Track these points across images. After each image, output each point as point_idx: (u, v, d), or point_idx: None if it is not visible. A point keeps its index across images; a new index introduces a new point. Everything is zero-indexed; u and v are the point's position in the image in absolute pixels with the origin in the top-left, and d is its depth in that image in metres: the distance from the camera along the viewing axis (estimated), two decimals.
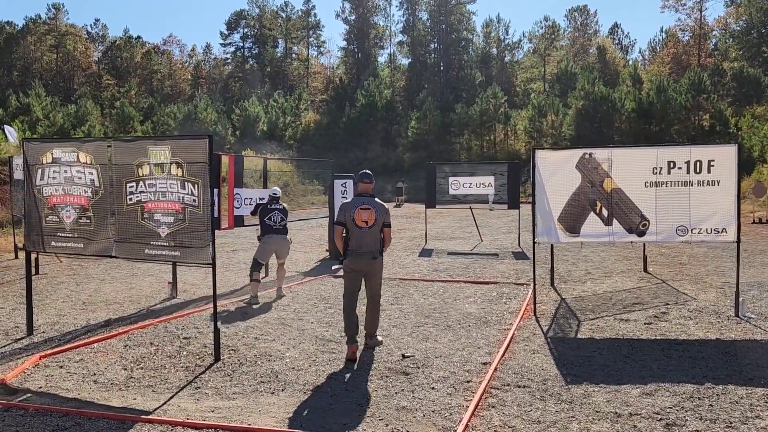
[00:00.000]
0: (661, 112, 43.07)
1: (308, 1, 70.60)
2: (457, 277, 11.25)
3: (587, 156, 8.13)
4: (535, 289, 8.65)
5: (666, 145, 9.17)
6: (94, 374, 5.85)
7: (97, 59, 68.59)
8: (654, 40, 67.19)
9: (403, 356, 6.33)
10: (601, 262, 12.80)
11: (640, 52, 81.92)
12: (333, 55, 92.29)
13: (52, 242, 7.17)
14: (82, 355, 6.42)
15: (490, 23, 64.74)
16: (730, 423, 4.57)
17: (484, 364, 6.07)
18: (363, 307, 6.70)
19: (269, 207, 9.56)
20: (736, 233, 7.84)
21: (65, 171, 6.93)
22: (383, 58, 69.02)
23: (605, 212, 8.12)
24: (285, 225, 9.62)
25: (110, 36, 70.32)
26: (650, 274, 11.22)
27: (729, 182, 7.80)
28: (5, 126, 19.09)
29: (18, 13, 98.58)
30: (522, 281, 10.68)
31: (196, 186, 6.07)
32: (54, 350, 6.54)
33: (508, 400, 5.12)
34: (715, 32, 59.87)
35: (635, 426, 4.56)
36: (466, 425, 4.57)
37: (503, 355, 6.33)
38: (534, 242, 8.34)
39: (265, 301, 9.07)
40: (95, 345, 6.79)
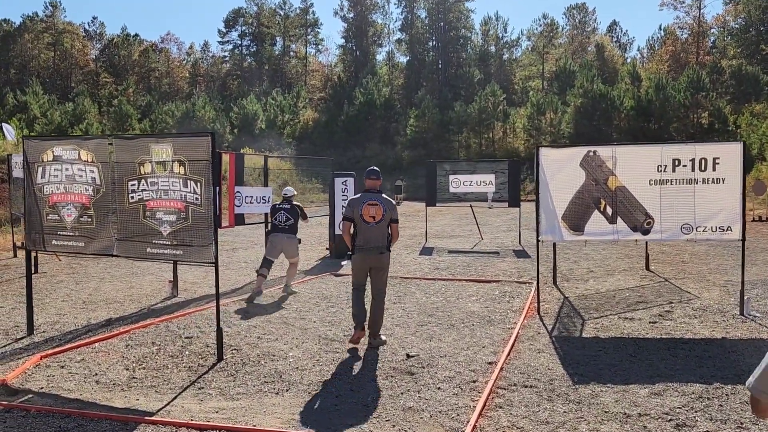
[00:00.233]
0: (659, 110, 43.05)
1: None
2: (459, 275, 11.19)
3: (591, 154, 8.08)
4: (538, 288, 8.60)
5: (671, 142, 9.12)
6: (96, 374, 5.79)
7: (94, 57, 68.40)
8: (652, 38, 67.12)
9: (408, 356, 6.28)
10: (602, 260, 12.75)
11: (638, 50, 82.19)
12: (331, 53, 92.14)
13: (53, 241, 7.10)
14: (83, 355, 6.36)
15: (488, 21, 64.71)
16: (741, 424, 4.53)
17: (489, 363, 6.02)
18: (367, 306, 6.65)
19: (277, 206, 9.83)
20: (741, 231, 7.81)
21: (66, 169, 6.87)
22: (381, 56, 69.03)
23: (609, 210, 8.07)
24: (291, 224, 9.69)
25: (108, 34, 70.11)
26: (652, 272, 11.17)
27: (734, 180, 7.76)
28: (3, 124, 18.98)
29: (15, 11, 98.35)
30: (524, 279, 10.64)
31: (199, 184, 6.01)
32: (55, 350, 6.48)
33: (516, 400, 5.07)
34: (713, 30, 59.91)
35: (645, 427, 4.51)
36: (474, 426, 4.51)
37: (509, 354, 6.28)
38: (538, 240, 8.28)
39: (266, 300, 9.01)
40: (96, 345, 6.72)
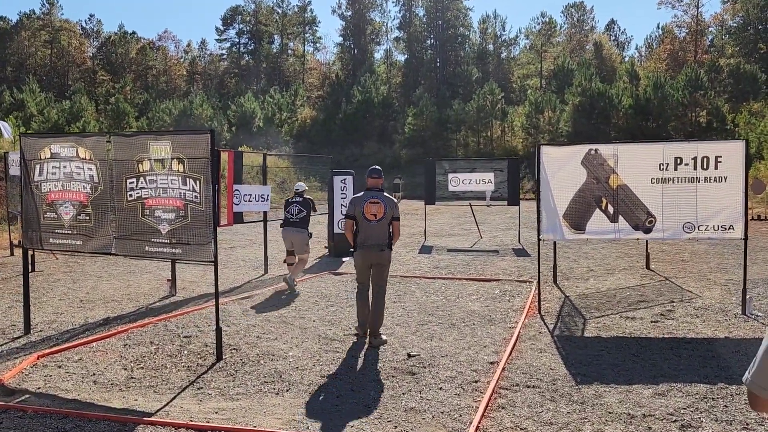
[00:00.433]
0: (658, 108, 43.01)
1: None
2: (459, 274, 11.14)
3: (593, 152, 8.03)
4: (539, 287, 8.55)
5: (672, 140, 9.08)
6: (94, 374, 5.72)
7: (91, 55, 68.17)
8: (650, 36, 67.24)
9: (409, 355, 6.22)
10: (602, 259, 12.71)
11: (636, 49, 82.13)
12: (329, 51, 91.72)
13: (51, 239, 7.03)
14: (81, 355, 6.29)
15: (486, 19, 64.61)
16: (747, 425, 4.48)
17: (491, 363, 5.97)
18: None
19: (289, 200, 10.15)
20: (743, 230, 7.77)
21: (64, 166, 6.79)
22: (379, 54, 68.92)
23: (611, 209, 8.03)
24: (302, 217, 9.92)
25: (105, 32, 69.99)
26: (653, 271, 11.13)
27: (736, 178, 7.72)
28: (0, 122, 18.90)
29: (12, 9, 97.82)
30: (524, 278, 10.59)
31: (198, 182, 5.94)
32: (52, 349, 6.41)
33: (518, 400, 5.02)
34: (711, 29, 59.91)
35: (650, 428, 4.46)
36: (477, 427, 4.46)
37: (510, 354, 6.23)
38: (539, 239, 8.23)
39: (264, 299, 8.95)
40: (94, 344, 6.65)
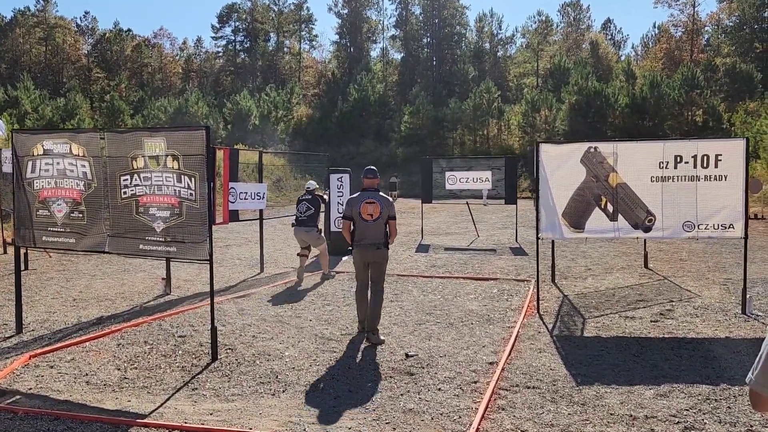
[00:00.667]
0: (654, 107, 43.02)
1: None
2: (456, 273, 11.07)
3: (592, 150, 7.96)
4: (538, 286, 8.48)
5: (670, 139, 9.02)
6: (87, 374, 5.62)
7: (86, 52, 67.79)
8: (646, 35, 67.20)
9: (407, 355, 6.14)
10: (600, 257, 12.66)
11: (632, 48, 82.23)
12: (325, 49, 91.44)
13: (43, 237, 6.92)
14: (73, 355, 6.19)
15: (483, 18, 64.53)
16: (751, 426, 4.41)
17: (490, 363, 5.89)
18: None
19: (300, 198, 10.33)
20: (743, 229, 7.72)
21: (57, 163, 6.68)
22: (376, 52, 68.72)
23: (610, 207, 7.96)
24: (311, 215, 10.14)
25: (100, 29, 69.56)
26: (651, 270, 11.08)
27: (737, 177, 7.66)
28: None
29: (6, 5, 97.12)
30: (522, 277, 10.52)
31: (193, 179, 5.85)
32: (44, 349, 6.30)
33: (518, 402, 4.94)
34: (707, 28, 59.93)
35: (652, 430, 4.39)
36: (477, 429, 4.38)
37: (509, 354, 6.15)
38: (538, 238, 8.16)
39: (261, 297, 8.85)
40: (87, 344, 6.55)
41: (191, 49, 73.58)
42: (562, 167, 8.02)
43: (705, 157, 7.70)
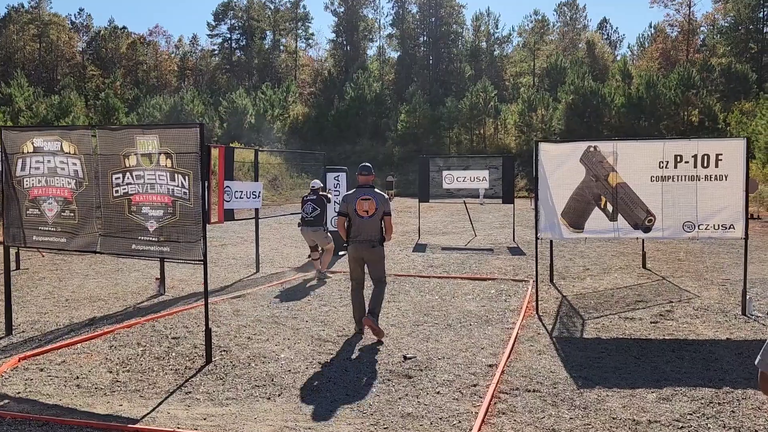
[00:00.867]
0: (650, 107, 43.05)
1: None
2: (454, 273, 10.97)
3: (592, 149, 7.87)
4: (537, 287, 8.39)
5: (673, 138, 8.94)
6: (77, 378, 5.50)
7: (81, 50, 67.43)
8: (642, 35, 67.06)
9: (405, 357, 6.04)
10: (598, 257, 12.58)
11: (629, 48, 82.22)
12: (321, 47, 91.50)
13: (34, 236, 6.79)
14: (64, 357, 6.06)
15: (479, 17, 64.42)
16: (755, 431, 4.32)
17: (489, 366, 5.79)
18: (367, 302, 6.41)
19: (305, 198, 10.31)
20: (743, 229, 7.63)
21: (48, 161, 6.55)
22: (372, 51, 68.52)
23: (610, 207, 7.87)
24: (317, 215, 10.17)
25: (95, 26, 69.15)
26: (649, 270, 11.01)
27: (737, 177, 7.57)
28: None
29: (0, 2, 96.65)
30: (520, 277, 10.43)
31: (187, 178, 5.72)
32: (34, 351, 6.18)
33: (519, 405, 4.84)
34: (703, 28, 60.04)
35: None
36: None
37: (509, 356, 6.05)
38: (537, 238, 8.06)
39: (256, 298, 8.73)
40: (78, 346, 6.42)
41: (187, 46, 73.27)
42: (561, 167, 7.93)
43: (705, 157, 7.62)
